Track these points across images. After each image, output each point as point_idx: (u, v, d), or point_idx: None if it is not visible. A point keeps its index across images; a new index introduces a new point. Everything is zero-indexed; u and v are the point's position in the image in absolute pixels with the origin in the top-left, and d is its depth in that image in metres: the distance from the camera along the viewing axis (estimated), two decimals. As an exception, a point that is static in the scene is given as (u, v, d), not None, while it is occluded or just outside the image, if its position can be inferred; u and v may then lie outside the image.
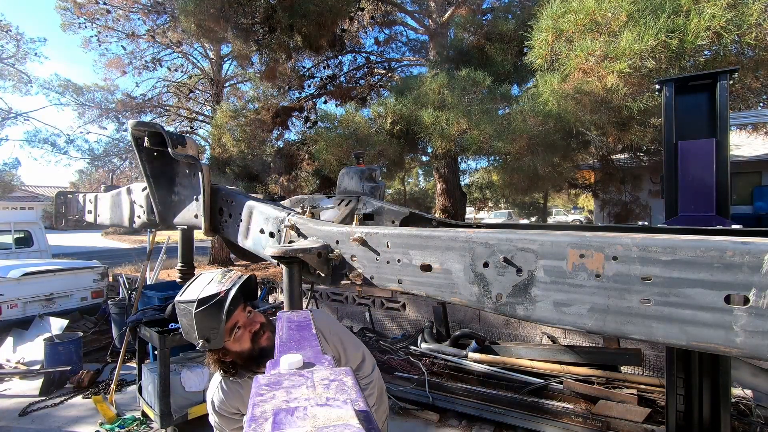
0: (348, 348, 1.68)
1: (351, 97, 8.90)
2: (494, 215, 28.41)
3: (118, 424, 3.77)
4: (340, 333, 1.71)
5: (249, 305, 1.54)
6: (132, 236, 28.60)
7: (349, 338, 1.74)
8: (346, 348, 1.68)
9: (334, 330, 1.70)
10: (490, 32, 6.47)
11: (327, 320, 1.73)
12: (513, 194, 10.15)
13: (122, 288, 6.61)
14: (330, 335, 1.66)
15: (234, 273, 1.49)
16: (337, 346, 1.66)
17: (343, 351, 1.67)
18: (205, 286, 1.42)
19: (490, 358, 4.03)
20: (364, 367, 1.73)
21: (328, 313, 1.81)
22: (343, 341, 1.68)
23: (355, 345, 1.72)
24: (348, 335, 1.75)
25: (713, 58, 3.62)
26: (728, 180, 1.99)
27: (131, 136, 1.87)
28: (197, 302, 1.37)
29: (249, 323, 1.48)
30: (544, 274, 0.85)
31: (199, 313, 1.36)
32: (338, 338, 1.67)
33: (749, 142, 12.04)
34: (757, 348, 0.64)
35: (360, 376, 1.72)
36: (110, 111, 13.30)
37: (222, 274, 1.48)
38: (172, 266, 9.23)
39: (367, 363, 1.74)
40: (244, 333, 1.46)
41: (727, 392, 2.05)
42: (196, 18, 6.44)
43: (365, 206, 1.52)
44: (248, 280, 1.51)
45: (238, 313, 1.46)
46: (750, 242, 0.66)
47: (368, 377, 1.73)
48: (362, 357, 1.73)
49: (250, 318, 1.50)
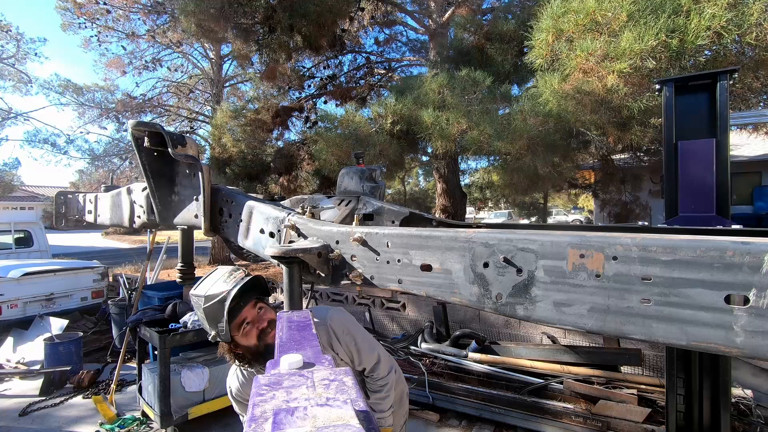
0: (362, 349, 1.67)
1: (351, 97, 8.90)
2: (494, 215, 28.40)
3: (118, 424, 3.77)
4: (355, 333, 1.69)
5: (261, 301, 1.55)
6: (132, 236, 28.60)
7: (365, 339, 1.72)
8: (359, 349, 1.66)
9: (349, 329, 1.68)
10: (490, 32, 6.47)
11: (343, 319, 1.71)
12: (513, 194, 10.16)
13: (122, 288, 6.61)
14: (343, 335, 1.65)
15: (239, 273, 1.52)
16: (350, 346, 1.65)
17: (356, 351, 1.66)
18: (214, 283, 1.47)
19: (490, 358, 4.03)
20: (378, 369, 1.71)
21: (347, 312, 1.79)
22: (357, 342, 1.67)
23: (370, 347, 1.71)
24: (363, 336, 1.73)
25: (713, 58, 3.62)
26: (728, 180, 1.99)
27: (131, 136, 1.87)
28: (204, 298, 1.44)
29: (258, 320, 1.51)
30: (544, 274, 0.85)
31: (206, 309, 1.44)
32: (352, 338, 1.66)
33: (749, 142, 12.04)
34: (757, 348, 0.64)
35: (373, 377, 1.71)
36: (110, 111, 13.30)
37: (229, 273, 1.51)
38: (172, 266, 9.23)
39: (383, 365, 1.72)
40: (252, 329, 1.50)
41: (727, 392, 2.05)
42: (196, 18, 6.44)
43: (365, 206, 1.52)
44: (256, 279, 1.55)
45: (248, 310, 1.49)
46: (750, 242, 0.66)
47: (383, 379, 1.71)
48: (377, 359, 1.71)
49: (260, 315, 1.52)
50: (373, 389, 1.72)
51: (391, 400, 1.73)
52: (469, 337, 4.47)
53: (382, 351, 1.76)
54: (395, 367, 1.82)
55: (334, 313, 1.71)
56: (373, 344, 1.74)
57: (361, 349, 1.67)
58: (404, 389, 1.94)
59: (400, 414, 1.88)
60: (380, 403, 1.69)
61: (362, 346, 1.68)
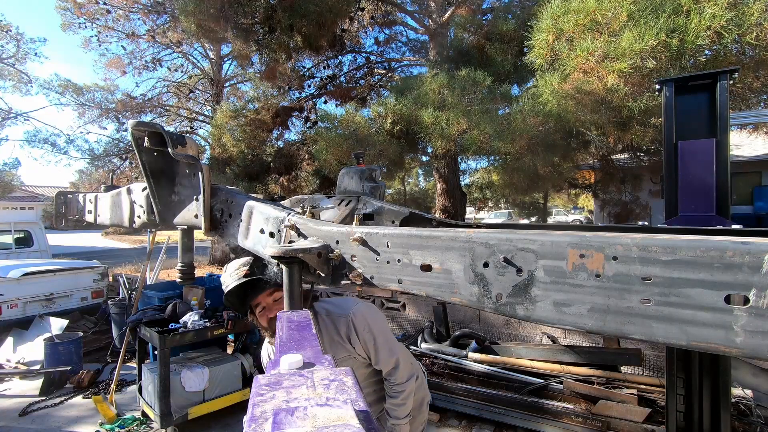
0: (380, 350, 1.64)
1: (351, 97, 8.90)
2: (494, 215, 28.41)
3: (118, 424, 3.77)
4: (377, 332, 1.66)
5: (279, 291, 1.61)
6: (132, 236, 28.59)
7: (386, 341, 1.67)
8: (378, 349, 1.64)
9: (371, 327, 1.65)
10: (490, 32, 6.47)
11: (367, 315, 1.68)
12: (513, 194, 10.15)
13: (122, 288, 6.61)
14: (363, 331, 1.63)
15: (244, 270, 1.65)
16: (368, 344, 1.63)
17: (373, 351, 1.64)
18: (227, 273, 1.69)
19: (490, 358, 4.03)
20: (395, 375, 1.67)
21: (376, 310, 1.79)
22: (377, 341, 1.64)
23: (390, 350, 1.67)
24: (386, 338, 1.69)
25: (713, 58, 3.62)
26: (728, 180, 1.99)
27: (131, 136, 1.87)
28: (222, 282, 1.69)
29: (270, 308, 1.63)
30: (544, 274, 0.85)
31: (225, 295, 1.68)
32: (372, 336, 1.63)
33: (749, 142, 12.04)
34: (757, 348, 0.64)
35: (390, 382, 1.68)
36: (110, 111, 13.30)
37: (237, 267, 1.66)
38: (172, 266, 9.23)
39: (401, 371, 1.68)
40: (264, 315, 1.64)
41: (727, 392, 2.05)
42: (196, 18, 6.44)
43: (365, 206, 1.52)
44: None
45: (263, 297, 1.64)
46: (750, 242, 0.66)
47: (400, 385, 1.67)
48: (395, 364, 1.67)
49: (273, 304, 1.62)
50: (389, 394, 1.68)
51: (408, 408, 1.69)
52: (469, 337, 4.47)
53: (404, 357, 1.71)
54: (417, 374, 1.77)
55: (361, 307, 1.69)
56: (395, 348, 1.70)
57: (379, 350, 1.64)
58: (425, 397, 1.91)
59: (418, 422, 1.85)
60: (395, 410, 1.65)
61: (381, 347, 1.64)
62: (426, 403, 1.91)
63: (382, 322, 1.73)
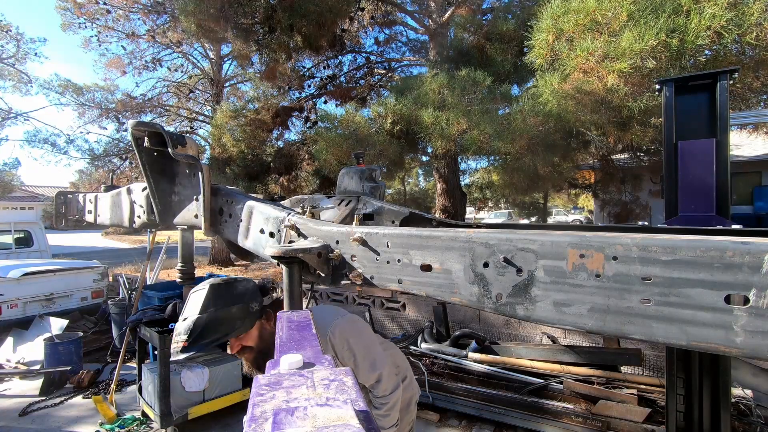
0: (361, 367, 1.61)
1: (351, 97, 8.90)
2: (494, 215, 28.40)
3: (118, 424, 3.77)
4: (357, 349, 1.62)
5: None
6: (132, 236, 28.59)
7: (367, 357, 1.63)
8: (358, 366, 1.60)
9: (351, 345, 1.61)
10: (490, 32, 6.46)
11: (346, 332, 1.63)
12: (513, 194, 10.15)
13: (122, 288, 6.61)
14: (342, 350, 1.59)
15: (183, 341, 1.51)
16: (347, 363, 1.59)
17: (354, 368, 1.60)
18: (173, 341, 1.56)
19: (490, 358, 4.03)
20: (378, 387, 1.64)
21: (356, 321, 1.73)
22: (357, 358, 1.60)
23: (371, 365, 1.63)
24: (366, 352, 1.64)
25: (714, 58, 3.62)
26: (728, 180, 1.98)
27: (131, 136, 1.87)
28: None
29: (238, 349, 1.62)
30: (544, 274, 0.85)
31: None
32: (351, 354, 1.60)
33: (749, 142, 12.05)
34: (757, 348, 0.64)
35: (373, 394, 1.65)
36: (110, 111, 13.28)
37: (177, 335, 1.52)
38: (172, 266, 9.23)
39: (384, 384, 1.65)
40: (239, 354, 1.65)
41: (727, 392, 2.05)
42: (196, 18, 6.44)
43: (365, 206, 1.52)
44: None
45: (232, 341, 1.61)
46: (750, 242, 0.66)
47: (383, 398, 1.65)
48: (377, 378, 1.63)
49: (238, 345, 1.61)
50: (374, 404, 1.66)
51: (394, 419, 1.67)
52: (469, 337, 4.47)
53: (387, 370, 1.67)
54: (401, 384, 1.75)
55: (339, 324, 1.64)
56: (377, 362, 1.65)
57: (360, 367, 1.60)
58: (413, 396, 1.89)
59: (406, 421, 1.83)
60: (379, 420, 1.63)
61: (361, 364, 1.61)
62: (414, 402, 1.90)
63: (364, 337, 1.69)
